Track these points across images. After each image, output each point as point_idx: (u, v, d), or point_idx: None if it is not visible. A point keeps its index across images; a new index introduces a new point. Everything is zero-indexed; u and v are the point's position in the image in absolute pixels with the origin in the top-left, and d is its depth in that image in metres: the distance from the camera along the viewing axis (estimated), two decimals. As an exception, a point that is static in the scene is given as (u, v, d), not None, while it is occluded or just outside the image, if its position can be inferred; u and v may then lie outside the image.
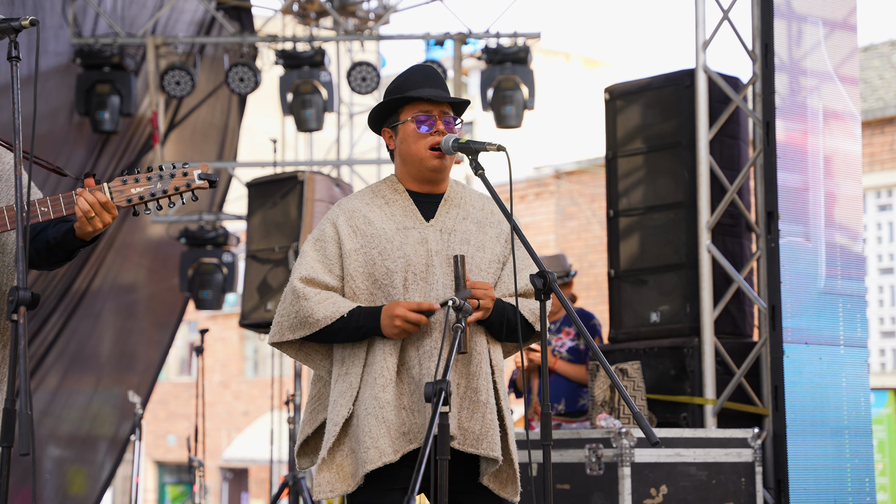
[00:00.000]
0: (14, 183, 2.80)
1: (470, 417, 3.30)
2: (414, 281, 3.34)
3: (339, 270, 3.38)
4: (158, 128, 9.05)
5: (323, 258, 3.38)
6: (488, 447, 3.29)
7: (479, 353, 3.35)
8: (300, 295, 3.34)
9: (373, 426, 3.26)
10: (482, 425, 3.30)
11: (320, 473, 3.35)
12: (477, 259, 3.40)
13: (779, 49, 6.18)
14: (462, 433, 3.31)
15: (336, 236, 3.39)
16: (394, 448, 3.26)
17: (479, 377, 3.33)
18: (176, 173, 3.13)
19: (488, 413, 3.30)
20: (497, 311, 3.34)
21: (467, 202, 3.49)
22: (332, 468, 3.34)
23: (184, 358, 26.71)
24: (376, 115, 3.50)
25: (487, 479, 3.36)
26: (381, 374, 3.29)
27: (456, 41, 9.19)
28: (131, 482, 7.03)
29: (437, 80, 3.47)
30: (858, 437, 6.09)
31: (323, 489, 3.32)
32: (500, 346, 3.44)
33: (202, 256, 9.55)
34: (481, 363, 3.34)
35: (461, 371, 3.32)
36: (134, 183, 3.11)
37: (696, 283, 6.15)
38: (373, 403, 3.28)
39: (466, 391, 3.32)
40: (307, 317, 3.33)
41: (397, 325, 3.25)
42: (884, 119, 14.68)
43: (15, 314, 2.68)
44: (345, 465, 3.34)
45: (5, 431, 2.65)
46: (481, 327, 3.36)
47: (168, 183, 3.12)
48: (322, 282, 3.36)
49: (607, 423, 5.45)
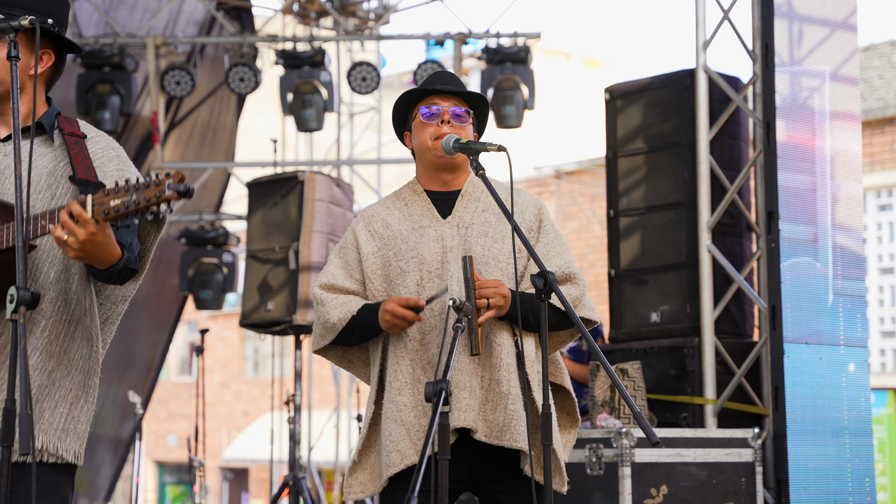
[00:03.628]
0: (14, 181, 2.79)
1: (494, 409, 3.31)
2: (430, 279, 3.36)
3: (359, 275, 3.44)
4: (158, 128, 9.05)
5: (344, 264, 3.46)
6: (511, 438, 3.29)
7: (499, 344, 3.33)
8: (319, 301, 3.42)
9: (393, 430, 3.31)
10: (505, 416, 3.29)
11: (352, 475, 3.40)
12: (495, 251, 3.39)
13: (779, 49, 6.18)
14: (487, 425, 3.31)
15: (355, 241, 3.46)
16: (415, 449, 3.29)
17: (500, 369, 3.32)
18: (150, 183, 2.78)
19: (510, 404, 3.29)
20: (514, 306, 3.31)
21: (487, 194, 3.49)
22: (365, 469, 3.41)
23: (184, 358, 26.71)
24: (396, 122, 3.56)
25: (529, 469, 3.33)
26: (395, 377, 3.34)
27: (456, 41, 9.20)
28: (131, 482, 7.02)
29: (449, 78, 3.52)
30: (859, 437, 6.09)
31: (354, 490, 3.39)
32: (531, 337, 3.38)
33: (202, 256, 9.55)
34: (502, 355, 3.33)
35: (484, 363, 3.33)
36: (114, 194, 2.82)
37: (697, 283, 6.15)
38: (391, 407, 3.33)
39: (490, 383, 3.33)
40: (325, 322, 3.40)
41: (387, 320, 3.29)
42: (884, 119, 14.68)
43: (15, 314, 2.68)
44: (376, 467, 3.41)
45: (5, 431, 2.65)
46: (504, 322, 3.34)
47: (141, 194, 2.79)
48: (342, 287, 3.43)
49: (607, 422, 5.45)
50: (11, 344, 2.68)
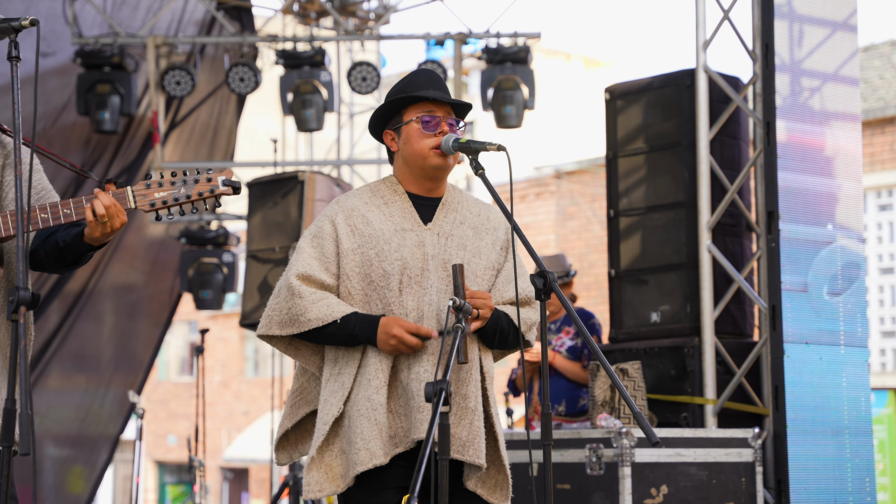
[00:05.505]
0: (15, 180, 2.79)
1: (458, 423, 3.29)
2: (409, 284, 3.32)
3: (336, 269, 3.36)
4: (159, 128, 9.05)
5: (320, 255, 3.36)
6: (474, 454, 3.29)
7: (471, 360, 3.34)
8: (295, 292, 3.31)
9: (365, 428, 3.25)
10: (469, 432, 3.29)
11: (309, 473, 3.33)
12: (473, 265, 3.39)
13: (780, 49, 6.18)
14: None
15: (334, 234, 3.37)
16: (384, 451, 3.25)
17: (469, 384, 3.32)
18: (200, 178, 3.11)
19: (476, 420, 3.30)
20: (492, 320, 3.34)
21: (465, 207, 3.49)
22: (321, 468, 3.32)
23: (184, 358, 26.72)
24: (379, 117, 3.48)
25: (474, 483, 3.35)
26: (375, 375, 3.28)
27: (456, 41, 9.19)
28: (131, 482, 7.03)
29: (440, 83, 3.47)
30: (859, 437, 6.09)
31: (312, 489, 3.31)
32: (490, 354, 3.43)
33: (202, 256, 9.55)
34: (471, 370, 3.33)
35: (452, 377, 3.29)
36: (157, 187, 3.09)
37: (697, 283, 6.15)
38: (366, 405, 3.26)
39: (455, 397, 3.31)
40: (298, 315, 3.30)
41: (392, 344, 3.25)
42: (884, 119, 14.68)
43: (15, 314, 2.68)
44: (334, 466, 3.33)
45: (5, 431, 2.65)
46: (474, 335, 3.35)
47: (192, 188, 3.10)
48: (318, 280, 3.33)
49: (608, 422, 5.45)
50: (12, 344, 2.68)
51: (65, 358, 9.41)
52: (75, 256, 3.19)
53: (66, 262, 3.21)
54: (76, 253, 3.17)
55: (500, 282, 3.45)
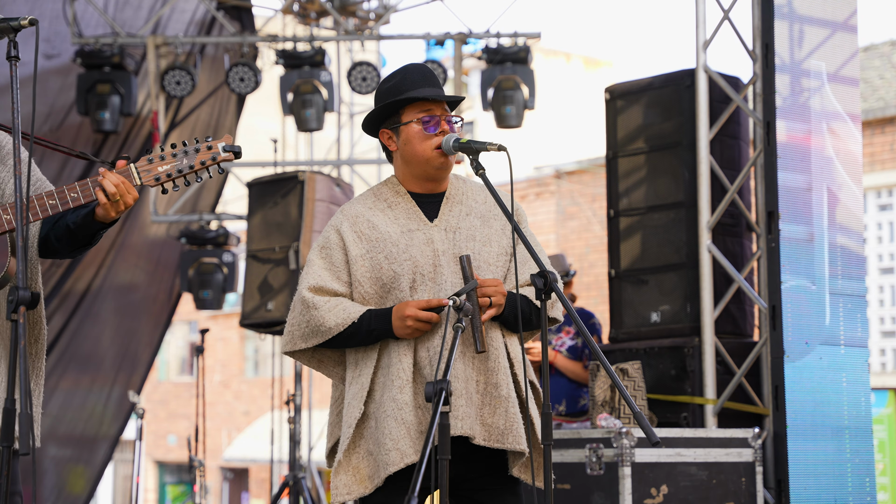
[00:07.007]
0: (14, 180, 2.79)
1: (493, 413, 3.30)
2: (422, 282, 3.33)
3: (347, 277, 3.37)
4: (159, 128, 9.05)
5: (329, 265, 3.38)
6: (514, 441, 3.29)
7: (496, 348, 3.34)
8: (310, 304, 3.34)
9: (392, 428, 3.26)
10: (506, 420, 3.29)
11: (336, 476, 3.34)
12: (484, 254, 3.40)
13: (780, 49, 6.18)
14: (486, 429, 3.30)
15: (341, 243, 3.38)
16: (414, 448, 3.26)
17: (498, 372, 3.32)
18: (200, 147, 3.15)
19: (510, 407, 3.30)
20: (510, 305, 3.34)
21: (469, 197, 3.49)
22: (348, 471, 3.33)
23: (184, 358, 26.72)
24: (375, 116, 3.47)
25: (518, 470, 3.36)
26: (397, 375, 3.29)
27: (456, 41, 9.19)
28: (131, 482, 7.02)
29: (433, 79, 3.46)
30: (859, 437, 6.09)
31: (340, 492, 3.31)
32: (516, 338, 3.41)
33: (202, 256, 9.54)
34: (499, 358, 3.33)
35: (479, 367, 3.32)
36: (160, 161, 3.13)
37: (697, 283, 6.15)
38: (391, 405, 3.27)
39: (486, 387, 3.32)
40: (318, 325, 3.33)
41: (409, 326, 3.26)
42: (884, 119, 14.68)
43: (15, 314, 2.68)
44: (361, 468, 3.34)
45: (5, 431, 2.64)
46: (496, 322, 3.35)
47: (194, 158, 3.14)
48: (331, 289, 3.36)
49: (608, 422, 5.45)
50: (11, 344, 2.68)
51: (69, 358, 9.42)
52: (88, 236, 3.21)
53: (78, 243, 3.24)
54: (88, 233, 3.20)
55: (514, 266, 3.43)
